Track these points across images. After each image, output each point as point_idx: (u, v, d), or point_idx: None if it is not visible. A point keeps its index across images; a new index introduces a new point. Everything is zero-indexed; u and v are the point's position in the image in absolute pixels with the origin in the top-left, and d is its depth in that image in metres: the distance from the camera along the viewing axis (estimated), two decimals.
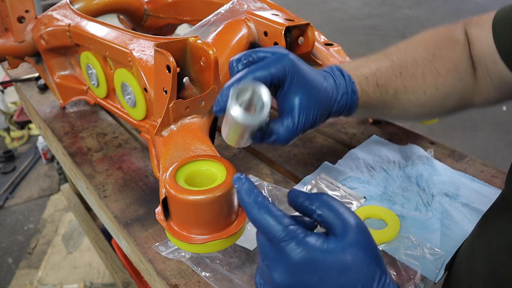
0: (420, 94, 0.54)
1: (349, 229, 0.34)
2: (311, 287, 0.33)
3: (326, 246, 0.33)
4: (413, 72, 0.54)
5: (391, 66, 0.54)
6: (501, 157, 2.35)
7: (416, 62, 0.54)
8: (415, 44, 0.57)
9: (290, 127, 0.44)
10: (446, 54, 0.55)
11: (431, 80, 0.54)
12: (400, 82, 0.54)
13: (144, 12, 1.07)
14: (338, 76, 0.50)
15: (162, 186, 0.46)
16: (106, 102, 0.82)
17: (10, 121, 2.79)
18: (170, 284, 0.54)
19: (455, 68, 0.54)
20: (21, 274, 1.80)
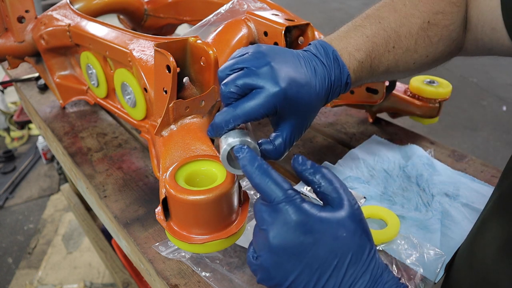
0: (410, 64, 0.54)
1: (344, 203, 0.37)
2: (306, 248, 0.35)
3: (322, 213, 0.36)
4: (406, 45, 0.52)
5: (385, 38, 0.52)
6: (501, 157, 2.35)
7: (410, 32, 0.53)
8: (411, 10, 0.54)
9: (280, 147, 0.45)
10: (442, 21, 0.53)
11: (423, 50, 0.53)
12: (392, 57, 0.52)
13: (144, 12, 1.07)
14: (332, 67, 0.48)
15: (162, 186, 0.46)
16: (106, 102, 0.82)
17: (10, 121, 2.79)
18: (170, 284, 0.54)
19: (448, 35, 0.53)
20: (21, 274, 1.80)
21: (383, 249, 0.57)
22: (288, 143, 0.45)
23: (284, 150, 0.45)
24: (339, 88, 0.49)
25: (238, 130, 0.42)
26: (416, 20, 0.53)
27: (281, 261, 0.36)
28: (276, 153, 0.45)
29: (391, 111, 0.86)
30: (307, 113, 0.46)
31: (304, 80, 0.44)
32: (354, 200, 0.38)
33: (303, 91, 0.44)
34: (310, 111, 0.46)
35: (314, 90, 0.45)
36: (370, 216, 0.63)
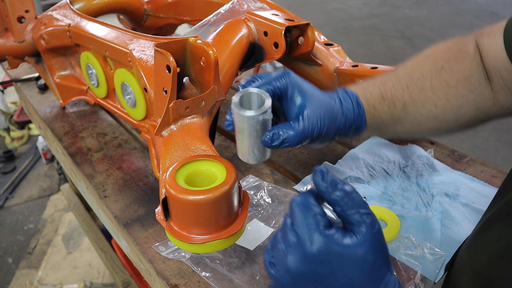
0: (431, 106, 0.53)
1: (365, 229, 0.35)
2: (323, 278, 0.35)
3: (343, 241, 0.35)
4: (421, 85, 0.53)
5: (397, 80, 0.54)
6: (501, 157, 2.35)
7: (423, 75, 0.54)
8: (423, 59, 0.56)
9: (297, 127, 0.45)
10: (455, 66, 0.54)
11: (441, 92, 0.53)
12: (408, 96, 0.53)
13: (144, 12, 1.07)
14: (341, 92, 0.52)
15: (162, 186, 0.46)
16: (106, 102, 0.82)
17: (10, 121, 2.79)
18: (170, 284, 0.54)
19: (466, 79, 0.53)
20: (21, 274, 1.80)
21: None
22: (303, 124, 0.45)
23: (301, 131, 0.45)
24: (351, 107, 0.51)
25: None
26: (428, 65, 0.55)
27: (297, 284, 0.36)
28: (294, 132, 0.45)
29: None
30: (320, 105, 0.47)
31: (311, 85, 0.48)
32: (375, 222, 0.36)
33: (311, 85, 0.48)
34: (322, 104, 0.48)
35: (321, 93, 0.49)
36: None
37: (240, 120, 0.42)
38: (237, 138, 0.45)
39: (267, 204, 0.66)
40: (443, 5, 5.20)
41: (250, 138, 0.43)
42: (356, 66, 0.77)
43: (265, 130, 0.43)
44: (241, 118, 0.41)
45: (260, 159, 0.46)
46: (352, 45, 4.00)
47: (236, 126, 0.44)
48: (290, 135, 0.44)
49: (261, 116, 0.41)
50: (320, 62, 0.76)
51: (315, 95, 0.47)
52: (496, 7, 4.99)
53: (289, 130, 0.44)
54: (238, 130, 0.43)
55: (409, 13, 4.95)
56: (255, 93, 0.43)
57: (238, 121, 0.42)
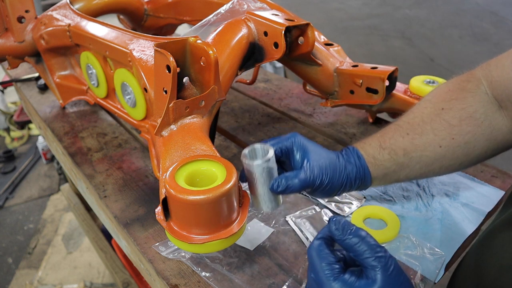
0: (436, 147, 0.54)
1: (379, 271, 0.38)
2: None
3: (356, 284, 0.38)
4: (421, 130, 0.55)
5: (396, 129, 0.56)
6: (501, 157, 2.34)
7: (423, 120, 0.55)
8: (423, 104, 0.58)
9: (299, 175, 0.50)
10: (457, 105, 0.55)
11: (444, 132, 0.54)
12: (409, 142, 0.54)
13: (144, 12, 1.07)
14: (344, 150, 0.56)
15: (162, 186, 0.46)
16: (106, 102, 0.82)
17: (10, 121, 2.79)
18: (170, 284, 0.54)
19: (469, 116, 0.54)
20: (21, 274, 1.80)
21: None
22: (306, 173, 0.50)
23: (304, 179, 0.50)
24: (352, 160, 0.54)
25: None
26: (428, 110, 0.56)
27: None
28: (297, 179, 0.50)
29: (391, 111, 0.86)
30: (323, 159, 0.53)
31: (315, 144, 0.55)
32: (390, 263, 0.39)
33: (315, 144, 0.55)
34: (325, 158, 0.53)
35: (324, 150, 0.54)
36: (370, 216, 0.63)
37: (249, 170, 0.48)
38: (250, 190, 0.50)
39: None
40: (443, 5, 5.20)
41: (259, 186, 0.49)
42: (356, 66, 0.77)
43: (272, 178, 0.49)
44: (249, 168, 0.48)
45: (273, 206, 0.51)
46: (352, 45, 4.00)
47: (247, 177, 0.50)
48: (294, 182, 0.49)
49: (265, 163, 0.48)
50: (320, 62, 0.76)
51: (318, 151, 0.52)
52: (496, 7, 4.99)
53: (293, 178, 0.49)
54: (250, 180, 0.49)
55: (409, 13, 4.95)
56: (259, 147, 0.50)
57: (248, 171, 0.49)
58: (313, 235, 0.60)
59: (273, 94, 1.08)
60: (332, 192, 0.53)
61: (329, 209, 0.65)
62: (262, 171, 0.48)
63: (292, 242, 0.60)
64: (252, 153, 0.50)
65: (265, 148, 0.50)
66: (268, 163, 0.48)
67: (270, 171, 0.49)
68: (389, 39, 4.15)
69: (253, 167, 0.48)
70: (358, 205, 0.65)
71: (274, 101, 1.04)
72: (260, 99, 1.05)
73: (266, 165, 0.48)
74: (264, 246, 0.59)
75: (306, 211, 0.65)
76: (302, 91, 1.06)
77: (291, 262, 0.56)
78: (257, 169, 0.48)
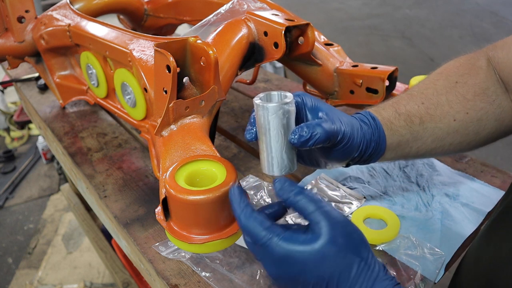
0: (450, 120, 0.53)
1: (323, 229, 0.37)
2: (295, 277, 0.38)
3: (301, 245, 0.37)
4: (437, 101, 0.53)
5: (410, 98, 0.54)
6: (501, 157, 2.35)
7: (437, 91, 0.54)
8: (435, 77, 0.56)
9: (323, 124, 0.43)
10: (470, 80, 0.54)
11: (459, 105, 0.53)
12: (424, 111, 0.53)
13: (144, 12, 1.07)
14: (356, 114, 0.52)
15: (162, 186, 0.46)
16: (106, 102, 0.82)
17: (10, 121, 2.79)
18: (170, 284, 0.54)
19: (482, 92, 0.53)
20: (21, 274, 1.80)
21: (383, 249, 0.57)
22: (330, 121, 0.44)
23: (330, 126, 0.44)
24: (367, 120, 0.51)
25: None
26: (441, 82, 0.54)
27: (281, 283, 0.39)
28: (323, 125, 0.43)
29: None
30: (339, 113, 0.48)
31: None
32: (337, 218, 0.38)
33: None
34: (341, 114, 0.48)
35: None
36: (370, 216, 0.63)
37: (264, 117, 0.40)
38: (262, 147, 0.42)
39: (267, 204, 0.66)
40: (443, 5, 5.20)
41: (277, 138, 0.41)
42: (356, 66, 0.77)
43: (290, 129, 0.41)
44: (265, 113, 0.40)
45: (289, 167, 0.43)
46: (352, 45, 4.00)
47: (260, 128, 0.41)
48: (318, 131, 0.42)
49: (285, 106, 0.39)
50: (320, 62, 0.76)
51: (330, 106, 0.47)
52: (496, 7, 4.99)
53: (316, 126, 0.42)
54: (262, 132, 0.41)
55: (409, 13, 4.95)
56: (276, 93, 0.42)
57: (262, 118, 0.40)
58: None
59: None
60: (351, 152, 0.48)
61: None
62: (279, 117, 0.40)
63: None
64: (266, 98, 0.42)
65: (282, 94, 0.42)
66: (287, 106, 0.40)
67: (289, 117, 0.40)
68: (389, 39, 4.15)
69: (269, 110, 0.39)
70: (358, 205, 0.65)
71: None
72: None
73: (286, 108, 0.39)
74: None
75: None
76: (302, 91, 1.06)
77: None
78: (273, 113, 0.39)
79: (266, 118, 0.40)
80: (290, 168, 0.43)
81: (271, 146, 0.41)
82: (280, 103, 0.40)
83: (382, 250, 0.57)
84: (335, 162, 0.49)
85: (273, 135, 0.41)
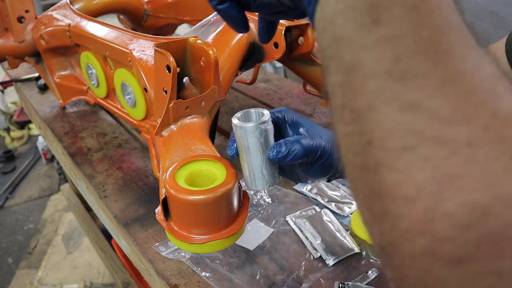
0: None
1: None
2: None
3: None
4: None
5: None
6: None
7: None
8: None
9: (301, 140, 0.43)
10: None
11: None
12: None
13: (144, 12, 1.07)
14: None
15: (162, 186, 0.46)
16: (106, 102, 0.82)
17: (10, 121, 2.79)
18: (170, 284, 0.54)
19: None
20: (21, 274, 1.80)
21: None
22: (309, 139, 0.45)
23: (308, 143, 0.44)
24: None
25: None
26: None
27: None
28: (301, 143, 0.43)
29: None
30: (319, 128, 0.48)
31: None
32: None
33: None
34: (321, 128, 0.48)
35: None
36: None
37: (243, 136, 0.41)
38: (243, 163, 0.43)
39: (267, 204, 0.66)
40: None
41: (256, 155, 0.42)
42: None
43: (269, 145, 0.42)
44: (243, 133, 0.41)
45: (270, 181, 0.43)
46: None
47: (240, 147, 0.42)
48: (297, 147, 0.42)
49: (262, 125, 0.41)
50: (320, 62, 0.76)
51: (311, 122, 0.47)
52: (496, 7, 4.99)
53: (294, 142, 0.43)
54: (242, 150, 0.42)
55: None
56: (253, 111, 0.43)
57: (241, 137, 0.41)
58: (313, 235, 0.60)
59: (273, 94, 1.08)
60: (331, 167, 0.47)
61: (329, 209, 0.65)
62: (257, 136, 0.41)
63: (292, 242, 0.59)
64: (244, 117, 0.43)
65: (259, 112, 0.43)
66: (264, 125, 0.41)
67: (267, 136, 0.41)
68: None
69: (247, 131, 0.40)
70: None
71: (274, 101, 1.04)
72: (260, 99, 1.05)
73: (263, 127, 0.41)
74: (264, 246, 0.59)
75: (306, 211, 0.65)
76: (302, 91, 1.06)
77: (291, 262, 0.56)
78: (251, 133, 0.41)
79: (244, 138, 0.41)
80: (271, 183, 0.44)
81: (251, 163, 0.43)
82: (257, 123, 0.41)
83: None
84: (315, 177, 0.49)
85: (252, 153, 0.42)
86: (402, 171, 0.19)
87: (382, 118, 0.20)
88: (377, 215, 0.21)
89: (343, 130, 0.22)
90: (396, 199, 0.20)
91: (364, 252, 0.57)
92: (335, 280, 0.53)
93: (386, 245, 0.21)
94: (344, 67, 0.21)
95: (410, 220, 0.19)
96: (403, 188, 0.19)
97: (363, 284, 0.52)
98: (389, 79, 0.19)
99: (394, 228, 0.20)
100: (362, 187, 0.22)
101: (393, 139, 0.19)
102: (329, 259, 0.56)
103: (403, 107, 0.19)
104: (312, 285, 0.52)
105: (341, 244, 0.58)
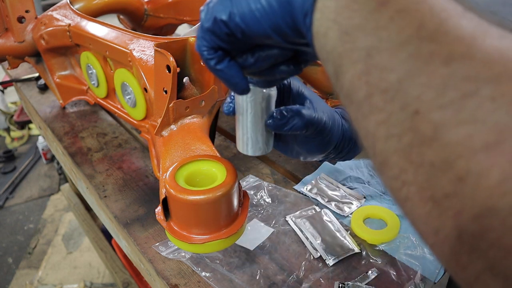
0: None
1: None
2: None
3: None
4: None
5: None
6: None
7: None
8: None
9: (303, 111, 0.41)
10: None
11: None
12: None
13: (144, 12, 1.07)
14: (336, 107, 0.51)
15: (162, 186, 0.46)
16: (106, 102, 0.82)
17: (10, 121, 2.79)
18: (170, 284, 0.54)
19: None
20: (21, 274, 1.80)
21: (383, 249, 0.57)
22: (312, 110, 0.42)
23: (310, 114, 0.41)
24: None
25: None
26: None
27: None
28: (303, 113, 0.41)
29: None
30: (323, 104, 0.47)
31: None
32: None
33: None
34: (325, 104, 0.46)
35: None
36: (370, 216, 0.63)
37: (243, 97, 0.38)
38: (238, 125, 0.40)
39: (267, 204, 0.66)
40: None
41: (254, 119, 0.39)
42: None
43: (269, 110, 0.39)
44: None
45: (263, 149, 0.41)
46: None
47: (238, 107, 0.39)
48: (298, 116, 0.40)
49: (266, 89, 0.38)
50: (320, 62, 0.76)
51: (315, 95, 0.45)
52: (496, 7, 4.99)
53: (296, 111, 0.40)
54: (240, 112, 0.39)
55: None
56: None
57: (241, 98, 0.38)
58: (313, 235, 0.60)
59: None
60: (329, 145, 0.45)
61: (329, 209, 0.65)
62: (259, 100, 0.38)
63: (292, 242, 0.60)
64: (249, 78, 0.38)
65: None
66: (268, 89, 0.38)
67: (269, 101, 0.39)
68: None
69: (249, 92, 0.37)
70: (358, 205, 0.65)
71: None
72: None
73: (266, 92, 0.38)
74: (264, 246, 0.59)
75: (306, 211, 0.65)
76: None
77: (291, 262, 0.56)
78: (253, 95, 0.38)
79: (244, 99, 0.38)
80: (264, 150, 0.41)
81: (247, 127, 0.40)
82: (259, 88, 0.38)
83: (382, 250, 0.57)
84: (311, 153, 0.47)
85: (250, 116, 0.39)
86: (470, 120, 0.17)
87: (425, 80, 0.19)
88: (450, 190, 0.18)
89: (375, 120, 0.21)
90: (474, 152, 0.17)
91: (364, 252, 0.57)
92: (335, 280, 0.53)
93: (469, 223, 0.17)
94: (363, 53, 0.21)
95: (502, 168, 0.16)
96: (479, 137, 0.17)
97: (363, 284, 0.52)
98: (419, 43, 0.19)
99: (480, 189, 0.17)
100: (419, 169, 0.19)
101: (447, 92, 0.18)
102: (329, 259, 0.56)
103: (445, 60, 0.18)
104: (312, 285, 0.53)
105: (341, 244, 0.58)
